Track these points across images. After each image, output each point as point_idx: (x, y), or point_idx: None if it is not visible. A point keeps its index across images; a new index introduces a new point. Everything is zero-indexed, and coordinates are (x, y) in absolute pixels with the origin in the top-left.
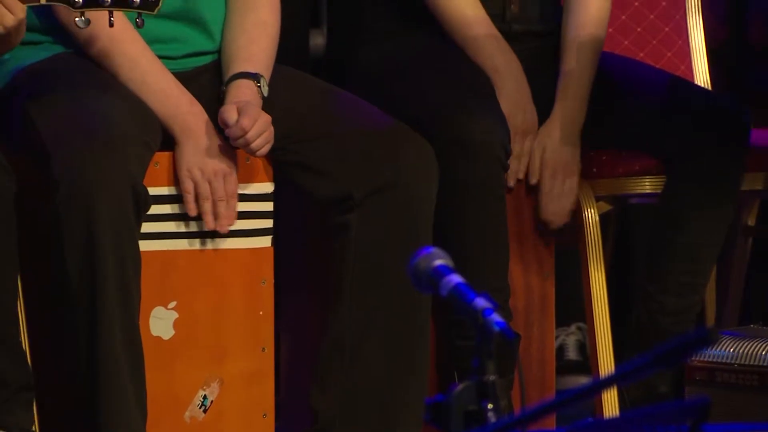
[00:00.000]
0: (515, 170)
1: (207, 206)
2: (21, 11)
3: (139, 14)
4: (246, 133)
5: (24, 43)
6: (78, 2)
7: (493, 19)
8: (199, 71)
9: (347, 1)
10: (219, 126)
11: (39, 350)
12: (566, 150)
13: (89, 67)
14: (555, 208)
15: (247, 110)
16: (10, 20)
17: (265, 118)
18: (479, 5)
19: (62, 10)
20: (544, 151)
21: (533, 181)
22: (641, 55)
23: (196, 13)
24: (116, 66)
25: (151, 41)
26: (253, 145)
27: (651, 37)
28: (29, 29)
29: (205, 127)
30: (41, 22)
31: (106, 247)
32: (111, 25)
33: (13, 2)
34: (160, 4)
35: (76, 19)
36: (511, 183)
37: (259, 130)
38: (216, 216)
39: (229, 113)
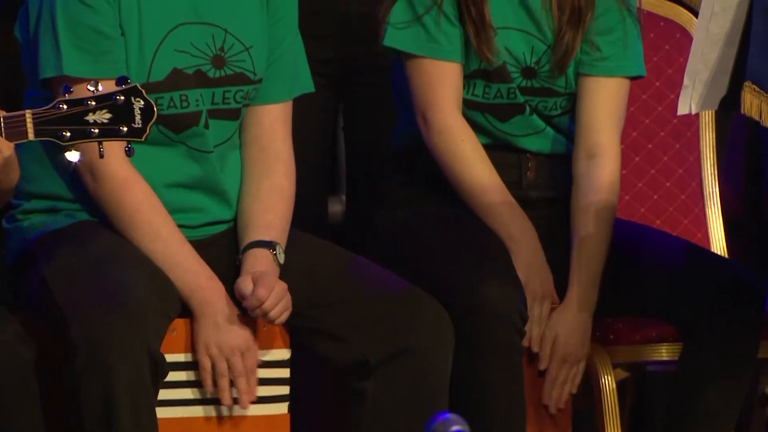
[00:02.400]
0: (530, 336)
1: (224, 383)
2: (7, 149)
3: (128, 143)
4: (262, 303)
5: (42, 211)
6: (66, 136)
7: (510, 186)
8: (216, 238)
9: (365, 169)
10: (237, 298)
11: None
12: (578, 338)
13: (108, 235)
14: (557, 394)
15: (263, 280)
16: None
17: (282, 287)
18: (494, 173)
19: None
20: (557, 339)
21: (543, 366)
22: (658, 222)
23: (216, 183)
24: (138, 236)
25: (170, 211)
26: (271, 314)
27: (667, 204)
28: (48, 197)
29: (223, 302)
30: (60, 189)
31: (124, 414)
32: (101, 156)
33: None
34: (149, 131)
35: (67, 154)
36: (526, 343)
37: (276, 299)
38: (238, 391)
39: (245, 285)
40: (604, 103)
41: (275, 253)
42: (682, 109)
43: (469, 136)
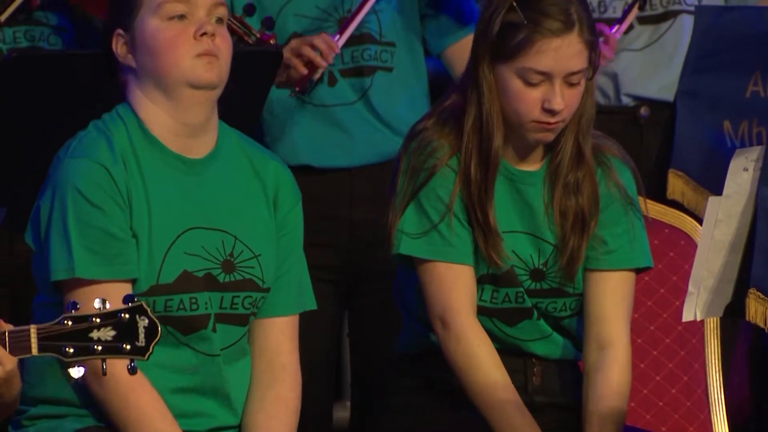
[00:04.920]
0: None
1: None
2: (10, 362)
3: (132, 360)
4: None
5: (49, 416)
6: (69, 352)
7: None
8: None
9: (370, 374)
10: None
11: None
12: None
13: None
14: None
15: None
16: None
17: None
18: (504, 371)
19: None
20: None
21: None
22: (664, 429)
23: (222, 388)
24: None
25: (175, 415)
26: None
27: (673, 411)
28: (54, 402)
29: None
30: (66, 394)
31: None
32: (104, 373)
33: (2, 354)
34: (152, 350)
35: (70, 369)
36: None
37: None
38: None
39: None
40: (613, 294)
41: None
42: (687, 316)
43: (485, 340)
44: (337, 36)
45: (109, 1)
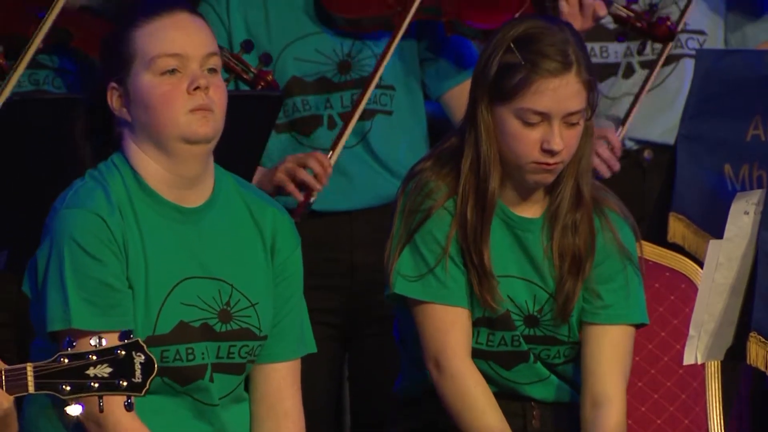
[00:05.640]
0: None
1: None
2: (7, 401)
3: (129, 397)
4: None
5: None
6: (66, 390)
7: None
8: None
9: (370, 417)
10: None
11: None
12: None
13: None
14: None
15: None
16: None
17: None
18: (500, 413)
19: None
20: None
21: None
22: None
23: None
24: None
25: None
26: None
27: None
28: None
29: None
30: None
31: None
32: (101, 410)
33: None
34: (148, 386)
35: (67, 408)
36: None
37: None
38: None
39: None
40: (609, 350)
41: None
42: (688, 359)
43: (480, 382)
44: (330, 153)
45: (103, 54)
